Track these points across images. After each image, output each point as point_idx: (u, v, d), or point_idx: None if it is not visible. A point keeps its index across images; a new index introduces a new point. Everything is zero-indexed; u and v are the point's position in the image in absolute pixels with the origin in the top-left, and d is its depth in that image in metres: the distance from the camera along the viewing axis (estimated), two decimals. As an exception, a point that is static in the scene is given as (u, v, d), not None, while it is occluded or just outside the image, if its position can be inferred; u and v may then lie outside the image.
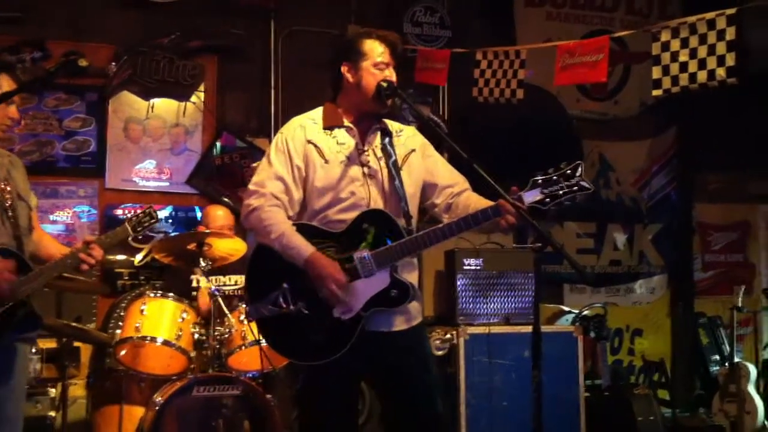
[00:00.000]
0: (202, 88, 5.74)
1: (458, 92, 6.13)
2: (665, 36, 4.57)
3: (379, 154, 3.10)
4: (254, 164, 5.73)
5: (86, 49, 5.14)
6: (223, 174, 5.76)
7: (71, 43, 5.25)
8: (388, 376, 3.11)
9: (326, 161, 3.06)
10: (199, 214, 5.55)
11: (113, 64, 5.47)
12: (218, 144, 5.80)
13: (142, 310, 4.09)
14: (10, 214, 3.02)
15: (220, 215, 4.94)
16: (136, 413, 4.10)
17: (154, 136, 5.65)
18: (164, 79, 5.56)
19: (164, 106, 5.68)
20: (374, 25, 5.80)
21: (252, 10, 5.92)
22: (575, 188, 2.89)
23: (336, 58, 3.17)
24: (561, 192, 2.89)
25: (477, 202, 3.07)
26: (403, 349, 3.08)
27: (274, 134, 5.79)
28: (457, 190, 3.17)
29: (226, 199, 5.63)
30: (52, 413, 4.24)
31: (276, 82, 5.93)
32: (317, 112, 3.17)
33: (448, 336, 4.59)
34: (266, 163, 3.12)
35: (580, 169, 2.89)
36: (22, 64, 5.32)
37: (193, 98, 5.72)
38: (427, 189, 3.21)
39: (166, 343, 4.08)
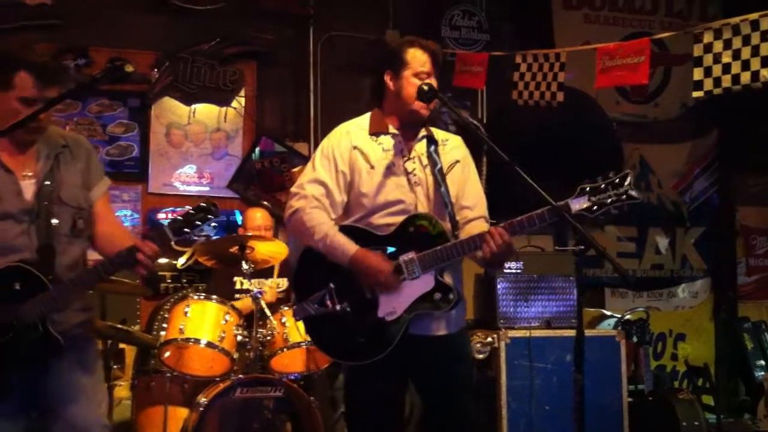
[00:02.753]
0: (242, 93, 5.80)
1: (495, 95, 6.13)
2: (708, 37, 4.53)
3: (425, 161, 3.13)
4: (294, 169, 5.79)
5: (127, 56, 5.27)
6: (262, 178, 5.82)
7: (112, 50, 5.34)
8: (429, 380, 3.13)
9: (372, 167, 3.10)
10: (239, 219, 5.61)
11: (155, 70, 5.55)
12: (258, 148, 5.86)
13: (185, 312, 4.13)
14: (40, 221, 2.78)
15: (258, 217, 5.00)
16: (179, 414, 4.13)
17: (196, 141, 5.72)
18: (205, 84, 5.64)
19: (205, 111, 5.75)
20: (412, 29, 5.80)
21: (290, 15, 5.97)
22: (623, 197, 2.90)
23: (379, 66, 3.20)
24: (609, 201, 2.90)
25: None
26: (444, 355, 3.09)
27: (313, 138, 5.96)
28: (470, 216, 3.17)
29: (266, 203, 5.67)
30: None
31: (314, 86, 5.98)
32: (364, 119, 3.21)
33: (489, 339, 4.58)
34: (311, 167, 3.18)
35: (629, 178, 2.93)
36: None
37: (234, 103, 5.79)
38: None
39: (209, 344, 4.11)
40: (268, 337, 4.22)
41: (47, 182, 2.80)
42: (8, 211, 2.73)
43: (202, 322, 4.15)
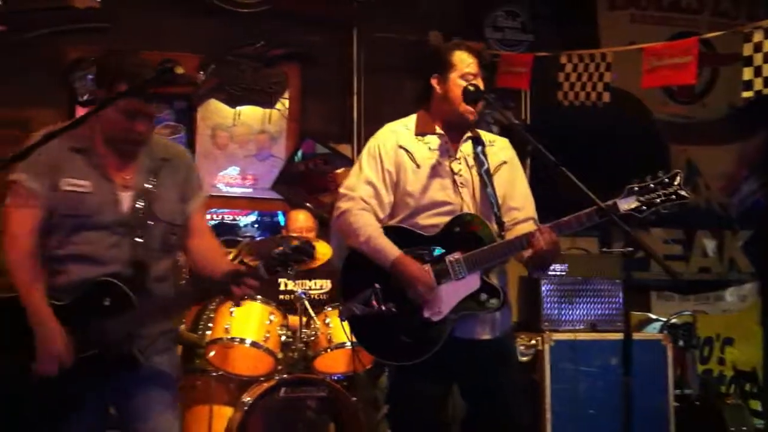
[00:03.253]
0: (286, 95, 5.84)
1: (539, 96, 6.09)
2: (757, 36, 4.46)
3: (471, 162, 3.14)
4: (337, 170, 5.82)
5: (173, 59, 5.32)
6: (305, 180, 5.85)
7: (157, 53, 5.41)
8: (474, 383, 3.13)
9: (418, 166, 3.12)
10: (282, 219, 5.65)
11: (201, 72, 5.61)
12: (301, 150, 5.89)
13: (231, 312, 4.16)
14: (133, 234, 2.73)
15: (301, 219, 5.03)
16: (224, 413, 4.17)
17: (240, 142, 5.77)
18: (250, 87, 5.69)
19: (250, 113, 5.80)
20: (454, 30, 5.81)
21: (334, 18, 6.00)
22: (673, 197, 2.88)
23: (425, 69, 3.20)
24: (658, 200, 2.88)
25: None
26: (490, 357, 3.09)
27: (356, 140, 5.97)
28: (519, 217, 3.16)
29: (308, 205, 5.70)
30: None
31: (357, 88, 5.99)
32: (410, 119, 3.23)
33: (533, 342, 4.55)
34: (358, 168, 3.20)
35: (678, 177, 2.90)
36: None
37: (278, 105, 5.83)
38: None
39: (254, 344, 4.15)
40: (312, 338, 4.25)
41: (144, 195, 2.76)
42: (103, 222, 2.70)
43: (247, 322, 4.19)
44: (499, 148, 3.23)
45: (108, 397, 2.78)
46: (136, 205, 2.75)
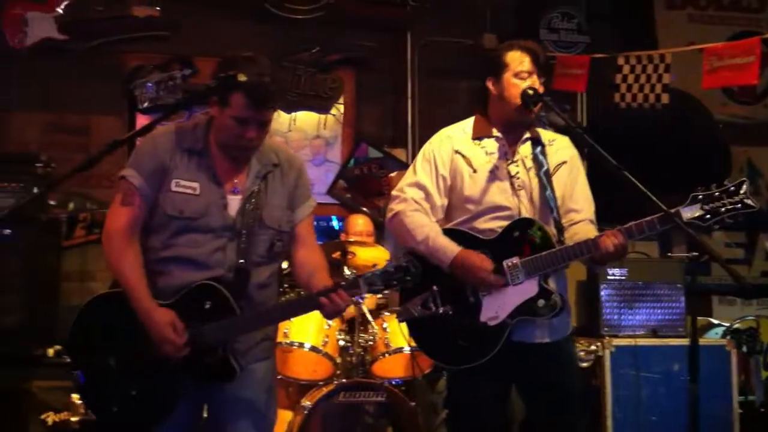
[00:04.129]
0: (341, 100, 5.87)
1: (595, 98, 6.03)
2: (821, 35, 4.36)
3: (529, 164, 3.10)
4: (391, 174, 5.83)
5: (231, 66, 5.38)
6: (361, 184, 5.87)
7: (216, 60, 5.46)
8: (532, 385, 3.10)
9: (474, 171, 3.10)
10: (335, 224, 5.67)
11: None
12: (356, 155, 5.92)
13: (283, 315, 4.19)
14: (239, 239, 2.69)
15: (360, 223, 5.06)
16: (284, 417, 4.19)
17: (296, 148, 5.81)
18: (305, 92, 5.73)
19: (305, 118, 5.85)
20: (509, 32, 5.79)
21: (387, 22, 6.02)
22: (739, 206, 2.80)
23: (480, 72, 3.19)
24: (723, 209, 2.80)
25: (583, 236, 2.99)
26: (548, 360, 3.06)
27: (410, 144, 5.98)
28: (577, 218, 3.11)
29: (364, 209, 5.72)
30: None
31: (412, 92, 6.00)
32: (467, 123, 3.21)
33: (593, 348, 4.49)
34: (411, 171, 3.20)
35: (744, 186, 2.82)
36: (173, 81, 5.63)
37: (333, 110, 5.87)
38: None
39: (313, 349, 4.17)
40: (370, 342, 4.26)
41: (252, 201, 2.72)
42: (210, 225, 2.68)
43: (306, 327, 4.21)
44: (559, 147, 3.19)
45: (202, 400, 2.79)
46: (244, 210, 2.71)
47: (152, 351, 2.63)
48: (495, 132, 3.14)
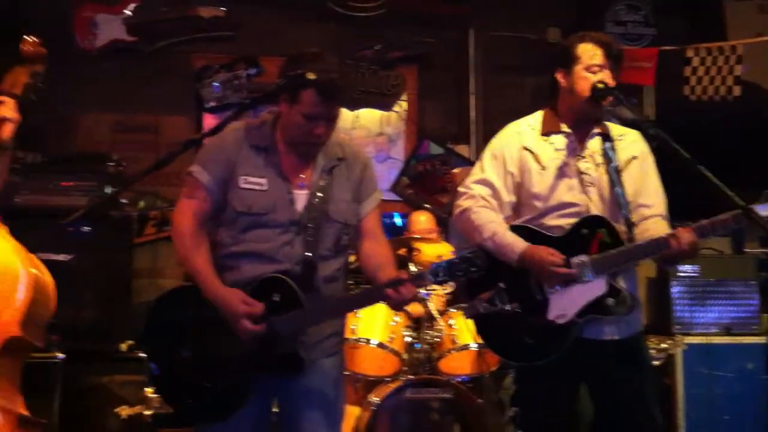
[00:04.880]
0: (404, 97, 5.88)
1: (662, 91, 5.91)
2: None
3: (599, 159, 3.05)
4: (455, 170, 5.81)
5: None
6: (424, 181, 5.87)
7: (280, 59, 5.52)
8: (602, 383, 3.05)
9: (543, 167, 3.05)
10: (397, 221, 5.67)
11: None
12: (419, 151, 5.91)
13: (356, 313, 4.21)
14: (306, 234, 2.73)
15: (423, 220, 5.06)
16: (351, 412, 4.21)
17: (359, 145, 5.79)
18: (369, 90, 5.75)
19: (368, 116, 5.88)
20: (573, 26, 5.71)
21: (449, 18, 5.99)
22: None
23: (550, 64, 3.15)
24: None
25: (655, 233, 2.93)
26: (618, 359, 3.00)
27: (474, 140, 5.95)
28: (648, 214, 3.05)
29: (427, 206, 5.72)
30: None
31: (475, 88, 5.97)
32: (536, 118, 3.17)
33: (664, 346, 4.42)
34: (479, 167, 3.17)
35: None
36: (238, 80, 5.70)
37: (396, 107, 5.87)
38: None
39: (380, 345, 4.18)
40: (436, 339, 4.25)
41: (319, 195, 2.76)
42: (278, 220, 2.72)
43: (373, 323, 4.22)
44: (630, 142, 3.12)
45: (272, 394, 2.82)
46: (310, 205, 2.75)
47: (224, 342, 2.67)
48: (564, 127, 3.09)
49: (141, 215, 5.24)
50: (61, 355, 4.05)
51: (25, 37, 2.96)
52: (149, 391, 3.99)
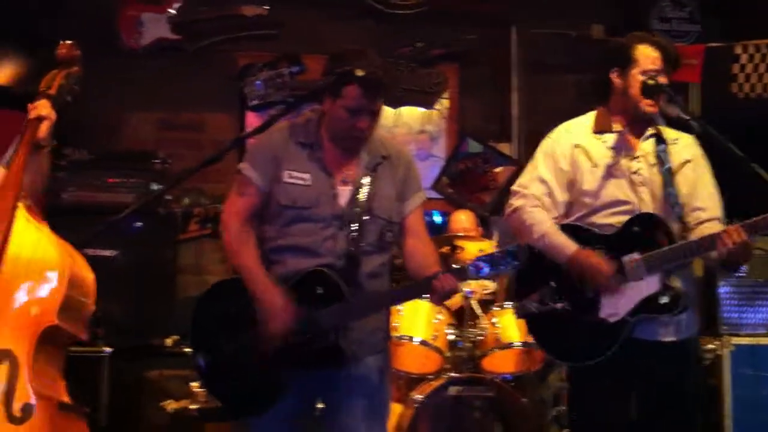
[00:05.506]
0: (445, 95, 5.86)
1: (708, 89, 5.82)
2: None
3: (652, 160, 3.04)
4: (496, 169, 5.79)
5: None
6: (465, 179, 5.85)
7: (322, 56, 5.53)
8: (652, 385, 3.03)
9: (595, 165, 3.06)
10: (436, 219, 5.66)
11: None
12: (461, 149, 5.89)
13: (399, 310, 4.22)
14: (349, 229, 2.77)
15: (463, 219, 5.08)
16: (393, 409, 4.19)
17: (401, 143, 5.83)
18: (410, 87, 5.74)
19: (410, 113, 5.86)
20: (617, 22, 5.66)
21: (491, 15, 5.96)
22: None
23: (605, 62, 3.13)
24: None
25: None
26: (671, 360, 2.99)
27: (516, 138, 5.92)
28: (704, 217, 3.03)
29: (469, 204, 5.70)
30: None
31: (517, 86, 5.93)
32: (589, 117, 3.18)
33: (711, 346, 4.36)
34: (531, 166, 3.19)
35: None
36: (281, 78, 5.73)
37: (437, 105, 5.86)
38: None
39: (423, 343, 4.19)
40: (479, 337, 4.25)
41: (362, 191, 2.79)
42: (321, 214, 2.77)
43: (416, 321, 4.24)
44: (684, 146, 3.12)
45: (316, 389, 2.84)
46: (353, 200, 2.79)
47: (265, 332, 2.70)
48: (616, 126, 3.09)
49: (185, 212, 5.29)
50: (108, 349, 4.12)
51: (61, 42, 3.04)
52: (195, 386, 4.04)
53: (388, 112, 5.80)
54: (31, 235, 2.75)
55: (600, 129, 3.11)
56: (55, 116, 2.91)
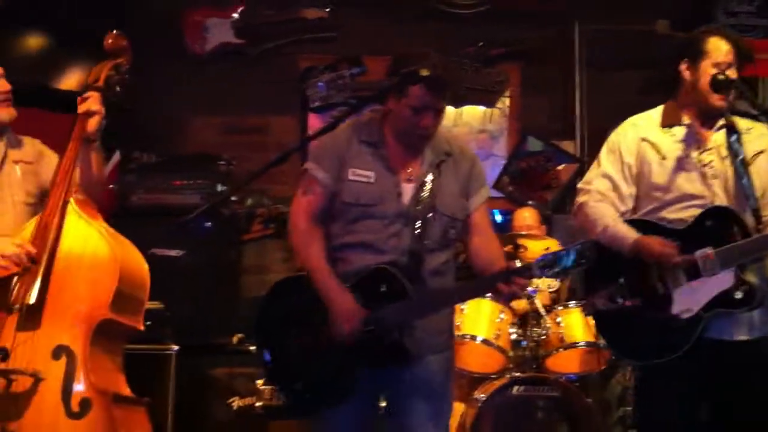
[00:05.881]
0: (507, 93, 5.83)
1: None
2: None
3: (724, 152, 2.98)
4: (559, 167, 5.74)
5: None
6: (527, 177, 5.81)
7: (383, 58, 5.56)
8: (725, 385, 2.95)
9: (663, 158, 3.02)
10: (497, 218, 5.63)
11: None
12: (522, 148, 5.85)
13: (461, 309, 4.21)
14: (413, 226, 2.76)
15: (526, 216, 5.05)
16: (456, 409, 4.20)
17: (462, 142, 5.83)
18: (472, 87, 5.73)
19: (471, 113, 5.85)
20: (683, 17, 5.53)
21: (552, 12, 5.90)
22: None
23: (674, 55, 3.08)
24: None
25: None
26: (745, 360, 2.91)
27: (578, 136, 5.84)
28: None
29: (531, 202, 5.65)
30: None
31: (580, 83, 5.86)
32: (657, 111, 3.14)
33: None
34: (596, 163, 3.18)
35: None
36: (342, 80, 5.78)
37: (498, 104, 5.83)
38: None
39: (485, 342, 4.17)
40: (543, 337, 4.21)
41: (426, 189, 2.79)
42: (385, 212, 2.77)
43: (478, 320, 4.23)
44: (757, 136, 3.03)
45: (379, 387, 2.85)
46: (418, 198, 2.79)
47: (332, 334, 2.72)
48: (685, 119, 3.04)
49: (248, 213, 5.37)
50: (175, 347, 4.19)
51: (108, 32, 3.08)
52: (260, 383, 4.10)
53: (448, 111, 5.79)
54: (81, 231, 2.81)
55: (668, 122, 3.06)
56: (103, 111, 2.96)
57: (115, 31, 3.13)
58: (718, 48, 2.95)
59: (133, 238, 2.97)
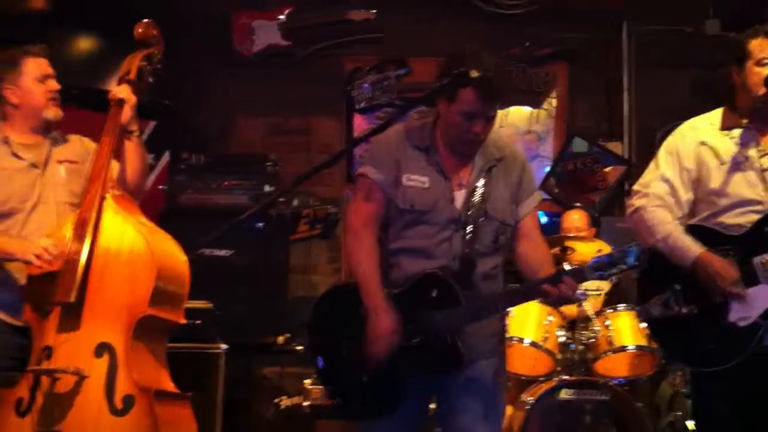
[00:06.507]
0: (553, 94, 5.79)
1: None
2: None
3: None
4: (606, 169, 5.68)
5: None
6: (573, 179, 5.77)
7: (428, 59, 5.56)
8: None
9: (722, 163, 2.97)
10: (544, 219, 5.59)
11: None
12: (568, 149, 5.81)
13: (509, 311, 4.18)
14: (464, 231, 2.75)
15: (575, 218, 5.00)
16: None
17: (515, 144, 5.80)
18: (518, 88, 5.70)
19: (517, 113, 5.83)
20: (734, 17, 5.44)
21: (601, 12, 5.85)
22: None
23: (725, 61, 3.05)
24: None
25: None
26: None
27: (626, 137, 5.78)
28: None
29: (578, 204, 5.60)
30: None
31: (628, 84, 5.80)
32: (716, 114, 3.09)
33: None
34: (654, 165, 3.12)
35: None
36: (387, 81, 5.79)
37: (545, 105, 5.79)
38: None
39: (533, 344, 4.15)
40: (592, 340, 4.17)
41: (477, 194, 2.77)
42: (438, 218, 2.76)
43: (526, 322, 4.20)
44: None
45: (430, 391, 2.85)
46: (469, 203, 2.78)
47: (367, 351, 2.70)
48: (744, 122, 2.99)
49: (294, 213, 5.40)
50: (224, 346, 4.23)
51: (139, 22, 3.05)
52: (308, 383, 4.12)
53: (495, 113, 5.77)
54: (118, 227, 2.78)
55: (728, 126, 3.01)
56: (135, 99, 2.94)
57: (145, 20, 3.08)
58: (758, 46, 2.93)
59: (182, 238, 2.97)
